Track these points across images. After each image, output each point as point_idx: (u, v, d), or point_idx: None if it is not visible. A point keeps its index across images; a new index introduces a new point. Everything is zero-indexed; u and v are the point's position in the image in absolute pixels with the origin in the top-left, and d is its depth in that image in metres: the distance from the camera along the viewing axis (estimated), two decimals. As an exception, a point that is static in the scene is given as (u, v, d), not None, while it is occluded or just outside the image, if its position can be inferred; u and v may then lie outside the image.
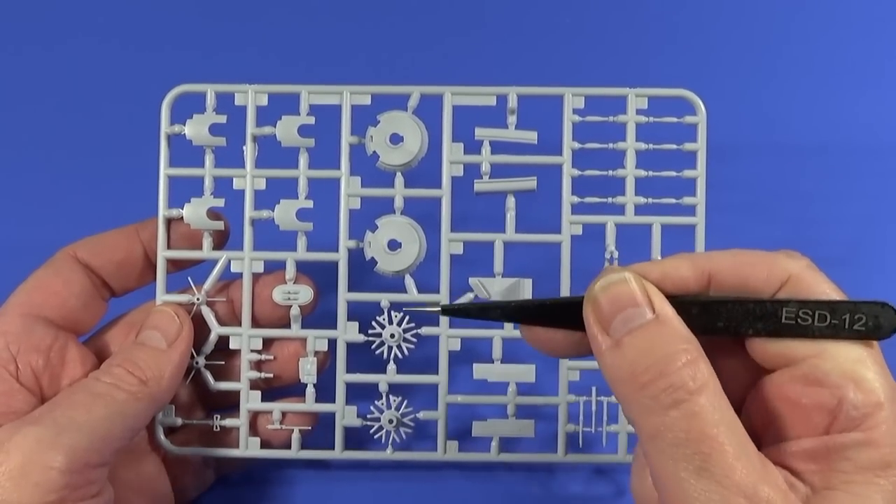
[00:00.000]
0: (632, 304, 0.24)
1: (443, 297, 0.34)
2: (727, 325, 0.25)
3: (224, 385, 0.34)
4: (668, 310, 0.24)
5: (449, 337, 0.34)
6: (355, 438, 0.35)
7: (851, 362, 0.24)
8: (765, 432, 0.25)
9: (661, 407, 0.23)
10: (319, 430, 0.35)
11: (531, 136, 0.34)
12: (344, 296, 0.34)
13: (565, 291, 0.34)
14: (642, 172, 0.34)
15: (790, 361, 0.24)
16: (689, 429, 0.22)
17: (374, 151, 0.34)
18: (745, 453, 0.22)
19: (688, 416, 0.22)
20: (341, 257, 0.34)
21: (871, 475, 0.23)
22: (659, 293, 0.24)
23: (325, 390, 0.34)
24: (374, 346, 0.34)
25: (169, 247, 0.34)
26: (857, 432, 0.23)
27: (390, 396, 0.34)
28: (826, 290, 0.25)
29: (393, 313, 0.34)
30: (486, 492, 0.37)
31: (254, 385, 0.34)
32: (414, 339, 0.34)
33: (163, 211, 0.34)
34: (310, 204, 0.34)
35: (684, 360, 0.23)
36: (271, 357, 0.34)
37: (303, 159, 0.34)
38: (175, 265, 0.34)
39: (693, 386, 0.22)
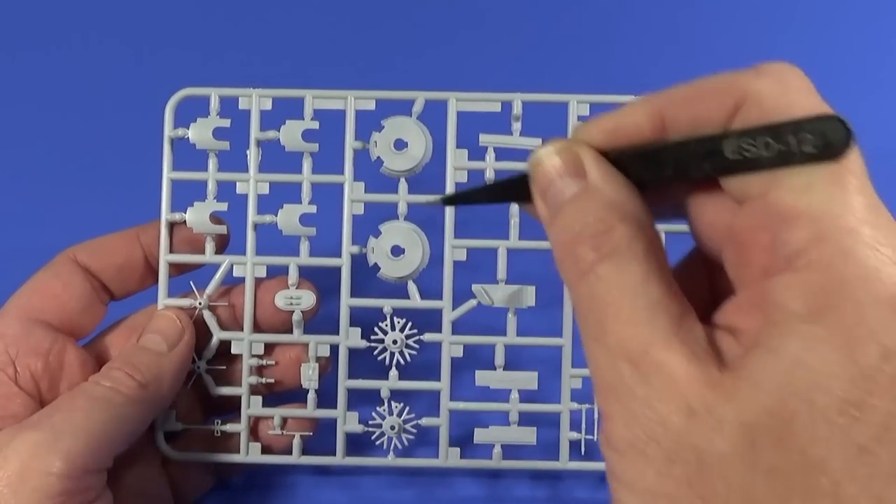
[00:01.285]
0: (558, 176, 0.22)
1: (446, 303, 0.33)
2: (676, 171, 0.21)
3: (225, 390, 0.34)
4: (594, 177, 0.21)
5: (451, 343, 0.33)
6: (357, 444, 0.34)
7: (795, 192, 0.19)
8: (732, 283, 0.22)
9: (572, 282, 0.21)
10: (321, 436, 0.34)
11: (536, 143, 0.33)
12: (346, 301, 0.33)
13: (569, 298, 0.33)
14: (646, 180, 0.33)
15: (746, 200, 0.21)
16: (590, 299, 0.20)
17: (378, 157, 0.33)
18: (648, 317, 0.20)
19: (590, 287, 0.20)
20: (344, 263, 0.33)
21: (797, 323, 0.18)
22: (592, 157, 0.22)
23: (326, 396, 0.34)
24: (376, 352, 0.33)
25: (171, 250, 0.33)
26: (788, 273, 0.19)
27: (392, 402, 0.34)
28: (795, 107, 0.20)
29: (395, 319, 0.33)
30: (488, 498, 0.36)
31: (255, 390, 0.34)
32: (416, 345, 0.33)
33: (165, 214, 0.33)
34: (313, 209, 0.33)
35: (594, 231, 0.21)
36: (273, 362, 0.34)
37: (306, 164, 0.33)
38: (176, 269, 0.34)
39: (594, 257, 0.20)
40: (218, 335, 0.33)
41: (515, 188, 0.24)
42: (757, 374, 0.19)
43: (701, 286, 0.24)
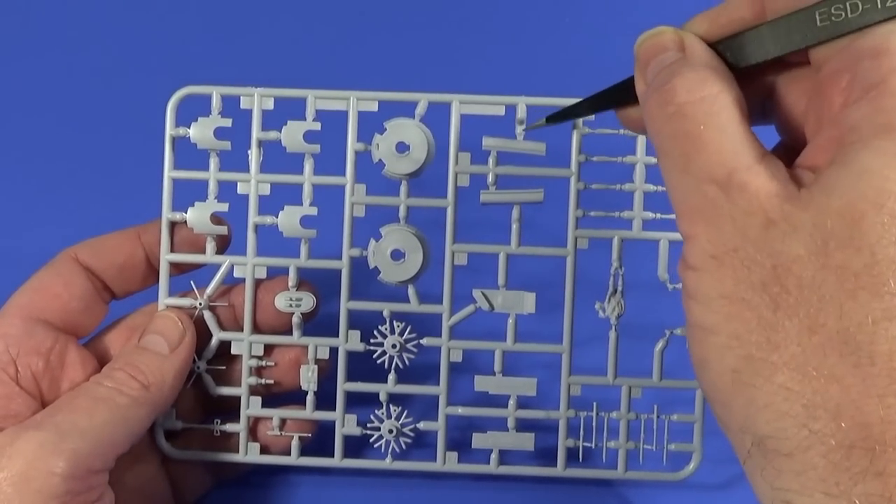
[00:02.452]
0: (662, 49, 0.23)
1: (445, 308, 0.33)
2: (770, 49, 0.23)
3: (225, 390, 0.34)
4: (696, 49, 0.23)
5: (450, 348, 0.33)
6: (355, 447, 0.34)
7: (876, 37, 0.21)
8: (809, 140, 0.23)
9: (660, 123, 0.22)
10: (319, 437, 0.34)
11: (540, 148, 0.33)
12: (346, 304, 0.33)
13: (570, 305, 0.33)
14: (651, 187, 0.33)
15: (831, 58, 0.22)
16: (678, 135, 0.22)
17: (380, 159, 0.33)
18: (733, 149, 0.21)
19: (679, 124, 0.22)
20: (344, 265, 0.33)
21: (868, 139, 0.20)
22: (693, 36, 0.23)
23: (325, 398, 0.33)
24: (375, 356, 0.33)
25: (172, 250, 0.33)
26: (864, 101, 0.20)
27: (391, 406, 0.33)
28: None
29: (395, 323, 0.33)
30: (485, 502, 0.36)
31: (254, 391, 0.34)
32: (415, 350, 0.33)
33: (166, 214, 0.33)
34: (314, 211, 0.33)
35: (691, 78, 0.22)
36: (272, 363, 0.33)
37: (308, 165, 0.33)
38: (177, 268, 0.33)
39: (686, 98, 0.22)
40: (218, 335, 0.33)
41: (615, 94, 0.26)
42: (830, 183, 0.20)
43: None
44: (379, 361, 0.33)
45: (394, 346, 0.33)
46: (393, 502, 0.36)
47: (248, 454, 0.33)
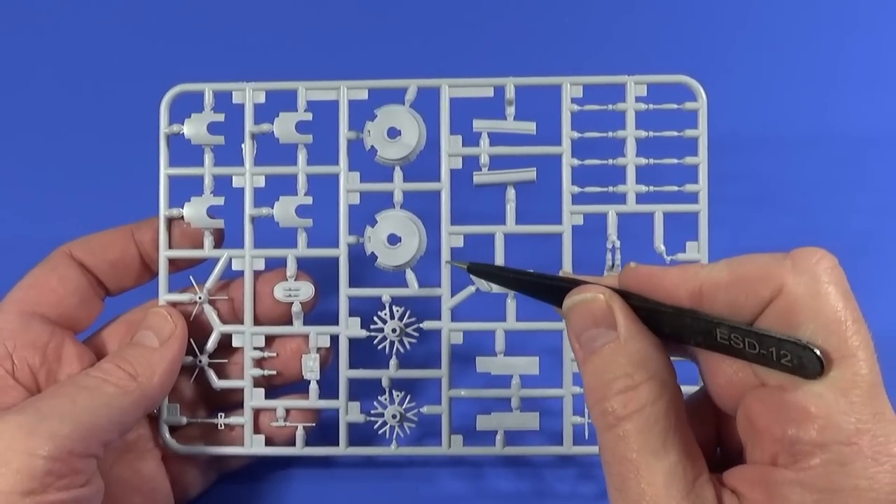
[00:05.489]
0: (594, 323, 0.24)
1: (444, 290, 0.32)
2: (672, 333, 0.23)
3: (227, 383, 0.33)
4: (624, 331, 0.23)
5: (451, 330, 0.32)
6: (359, 434, 0.33)
7: (810, 396, 0.21)
8: (741, 448, 0.23)
9: (598, 429, 0.23)
10: (323, 427, 0.33)
11: (530, 127, 0.32)
12: (345, 291, 0.32)
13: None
14: (643, 160, 0.32)
15: (762, 380, 0.22)
16: (614, 451, 0.22)
17: (373, 146, 0.32)
18: (664, 482, 0.22)
19: (615, 440, 0.22)
20: (341, 253, 0.32)
21: None
22: (625, 311, 0.23)
23: (328, 386, 0.32)
24: (376, 342, 0.32)
25: (170, 247, 0.33)
26: (792, 471, 0.21)
27: (393, 392, 0.32)
28: (821, 314, 0.21)
29: (394, 308, 0.32)
30: (475, 493, 0.35)
31: (257, 382, 0.33)
32: (416, 334, 0.32)
33: (163, 211, 0.32)
34: (309, 200, 0.32)
35: (622, 387, 0.23)
36: (274, 354, 0.33)
37: (301, 156, 0.32)
38: (173, 265, 0.33)
39: (622, 413, 0.22)
40: (219, 329, 0.32)
41: (548, 292, 0.25)
42: None
43: (710, 421, 0.25)
44: (380, 347, 0.32)
45: (394, 330, 0.32)
46: (395, 495, 0.35)
47: (253, 446, 0.32)
